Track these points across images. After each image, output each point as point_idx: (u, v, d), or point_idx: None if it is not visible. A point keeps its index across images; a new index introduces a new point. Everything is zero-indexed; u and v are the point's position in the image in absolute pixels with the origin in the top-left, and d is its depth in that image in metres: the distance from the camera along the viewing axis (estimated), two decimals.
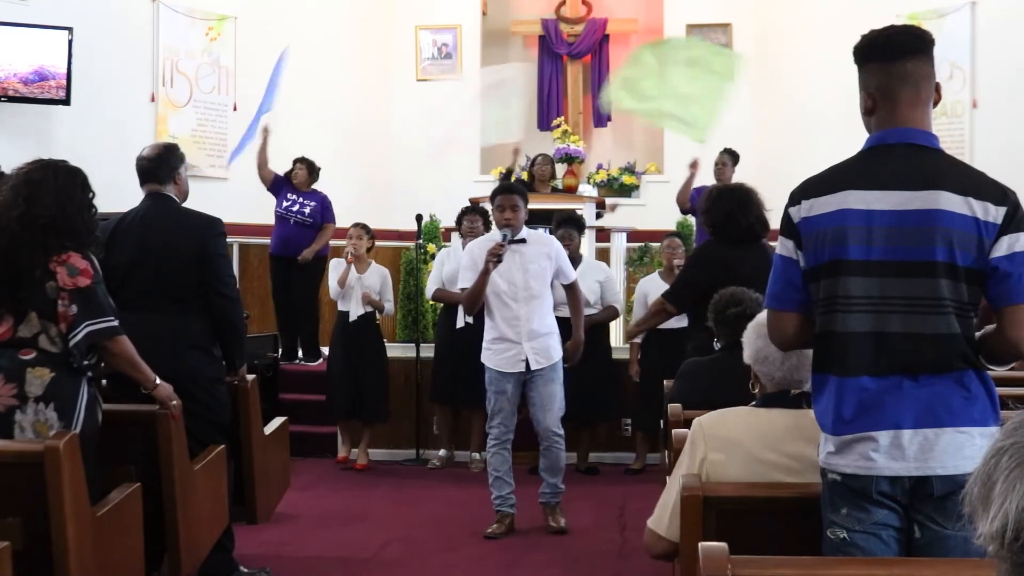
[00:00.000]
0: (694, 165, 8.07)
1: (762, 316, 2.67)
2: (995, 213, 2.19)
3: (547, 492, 5.36)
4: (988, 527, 1.18)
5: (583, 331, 5.39)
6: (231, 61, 9.87)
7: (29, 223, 3.25)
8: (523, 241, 5.19)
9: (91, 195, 3.41)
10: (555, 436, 5.25)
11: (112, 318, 3.34)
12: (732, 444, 2.61)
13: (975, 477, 1.25)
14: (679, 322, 6.70)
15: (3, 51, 8.28)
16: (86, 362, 3.33)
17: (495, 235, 5.31)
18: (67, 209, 3.30)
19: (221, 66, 9.83)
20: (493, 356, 5.22)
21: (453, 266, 6.81)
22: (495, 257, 5.04)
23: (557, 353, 5.26)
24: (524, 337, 5.16)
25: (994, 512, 1.17)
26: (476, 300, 5.20)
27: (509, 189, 5.33)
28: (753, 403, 2.77)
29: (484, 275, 5.08)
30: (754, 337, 2.73)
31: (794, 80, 10.17)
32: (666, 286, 6.73)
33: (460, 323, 6.77)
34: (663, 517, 2.70)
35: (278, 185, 8.18)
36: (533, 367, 5.16)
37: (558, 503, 5.38)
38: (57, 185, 3.32)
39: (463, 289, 5.27)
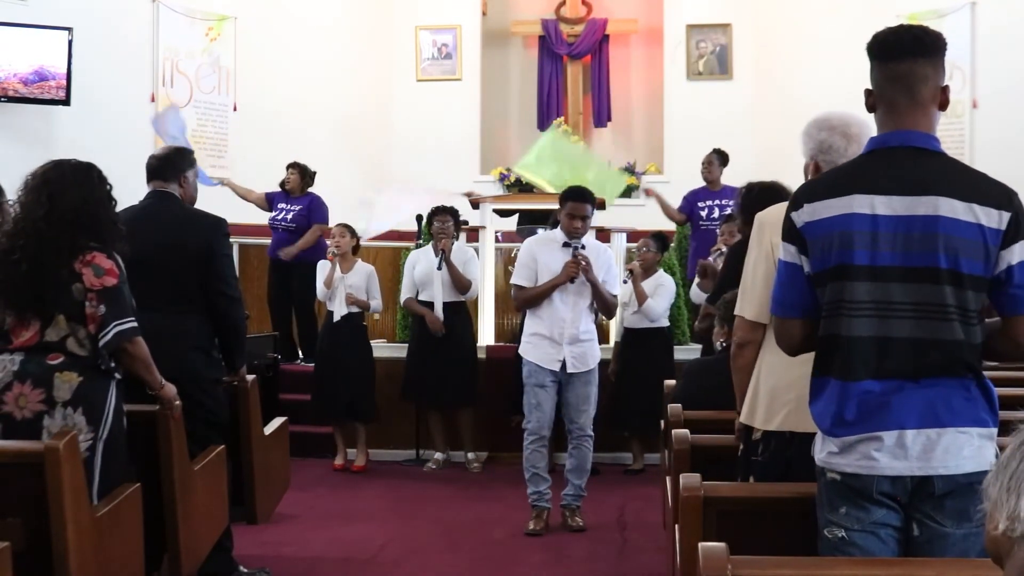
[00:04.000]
0: (649, 192, 8.50)
1: (819, 116, 2.91)
2: (999, 219, 2.17)
3: (570, 494, 5.38)
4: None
5: (602, 294, 5.23)
6: (231, 61, 9.87)
7: (56, 220, 3.25)
8: (583, 248, 5.21)
9: (108, 187, 3.42)
10: (587, 436, 5.30)
11: (133, 319, 3.34)
12: None
13: (996, 472, 1.28)
14: (641, 322, 6.74)
15: (3, 51, 8.28)
16: (113, 364, 3.33)
17: (557, 235, 5.29)
18: (89, 203, 3.32)
19: (221, 66, 9.83)
20: (532, 350, 5.24)
21: (424, 268, 6.83)
22: (574, 272, 5.10)
23: (595, 360, 5.30)
24: (566, 340, 5.19)
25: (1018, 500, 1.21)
26: (533, 303, 5.26)
27: (581, 196, 5.27)
28: None
29: (554, 287, 5.15)
30: (815, 131, 2.88)
31: (793, 80, 10.16)
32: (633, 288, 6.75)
33: None
34: (743, 305, 2.91)
35: (272, 199, 8.25)
36: (569, 370, 5.19)
37: (579, 507, 5.41)
38: (76, 180, 3.33)
39: (518, 286, 5.27)
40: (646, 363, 6.59)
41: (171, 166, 4.10)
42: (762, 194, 3.53)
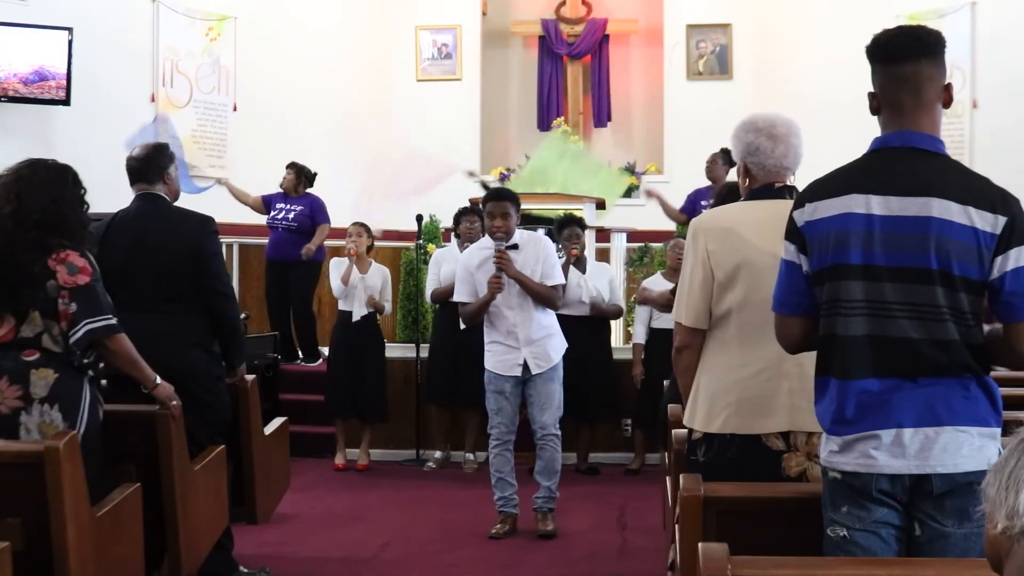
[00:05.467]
0: (651, 194, 8.40)
1: (746, 118, 2.96)
2: (994, 223, 2.15)
3: (541, 497, 5.30)
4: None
5: (532, 288, 5.11)
6: (231, 61, 9.88)
7: (22, 220, 3.25)
8: (515, 247, 5.15)
9: (82, 191, 3.41)
10: (551, 435, 5.22)
11: (111, 316, 3.34)
12: (725, 232, 2.83)
13: (994, 472, 1.27)
14: None
15: (3, 51, 8.28)
16: (86, 361, 3.33)
17: (487, 243, 5.25)
18: (59, 204, 3.31)
19: (221, 66, 9.84)
20: (492, 358, 5.21)
21: (451, 267, 6.81)
22: (497, 289, 5.06)
23: (557, 354, 5.23)
24: (522, 343, 5.15)
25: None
26: (474, 319, 5.25)
27: (499, 195, 5.27)
28: (743, 198, 2.98)
29: (485, 304, 5.11)
30: (742, 133, 2.92)
31: (794, 80, 10.17)
32: (670, 286, 6.76)
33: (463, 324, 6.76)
34: (680, 311, 2.90)
35: (268, 201, 8.21)
36: (533, 371, 5.16)
37: (551, 509, 5.32)
38: (48, 180, 3.33)
39: (461, 303, 5.27)
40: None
41: (153, 166, 4.07)
42: (730, 195, 3.54)
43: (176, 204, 4.15)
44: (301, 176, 8.15)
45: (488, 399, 5.24)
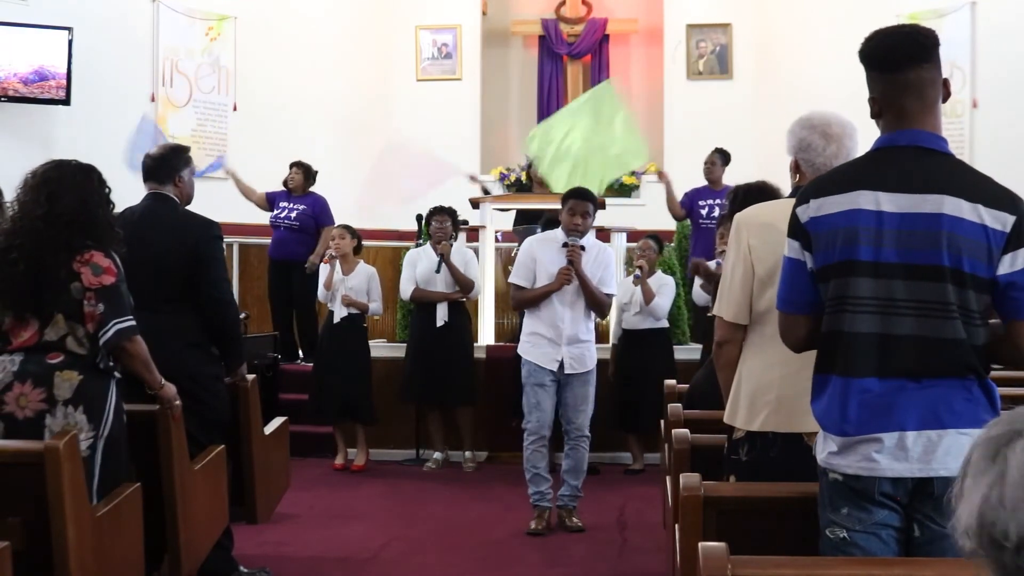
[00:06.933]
0: (662, 176, 8.43)
1: (804, 115, 2.94)
2: (1004, 221, 2.16)
3: (567, 495, 5.38)
4: (962, 524, 1.14)
5: (590, 290, 5.20)
6: (231, 61, 9.88)
7: (53, 221, 3.25)
8: (583, 248, 5.21)
9: (108, 190, 3.43)
10: (584, 437, 5.31)
11: (131, 317, 3.35)
12: (766, 227, 2.81)
13: (958, 492, 1.22)
14: (643, 322, 6.76)
15: (3, 51, 8.28)
16: (111, 363, 3.33)
17: (552, 236, 5.33)
18: (88, 205, 3.32)
19: (221, 66, 9.84)
20: (532, 349, 5.25)
21: (426, 265, 6.84)
22: (567, 281, 5.13)
23: (592, 361, 5.31)
24: (564, 340, 5.19)
25: (965, 508, 1.14)
26: (529, 305, 5.27)
27: (582, 195, 5.33)
28: (789, 194, 2.98)
29: (548, 293, 5.16)
30: (797, 128, 2.91)
31: (794, 80, 10.17)
32: (633, 288, 6.76)
33: (440, 321, 6.78)
34: (722, 306, 2.92)
35: (273, 199, 8.20)
36: (567, 370, 5.20)
37: (575, 507, 5.41)
38: (75, 182, 3.34)
39: (516, 285, 5.28)
40: (651, 363, 6.61)
41: (166, 167, 4.07)
42: (747, 196, 3.53)
43: (186, 207, 4.14)
44: (308, 175, 8.16)
45: (527, 393, 5.27)
